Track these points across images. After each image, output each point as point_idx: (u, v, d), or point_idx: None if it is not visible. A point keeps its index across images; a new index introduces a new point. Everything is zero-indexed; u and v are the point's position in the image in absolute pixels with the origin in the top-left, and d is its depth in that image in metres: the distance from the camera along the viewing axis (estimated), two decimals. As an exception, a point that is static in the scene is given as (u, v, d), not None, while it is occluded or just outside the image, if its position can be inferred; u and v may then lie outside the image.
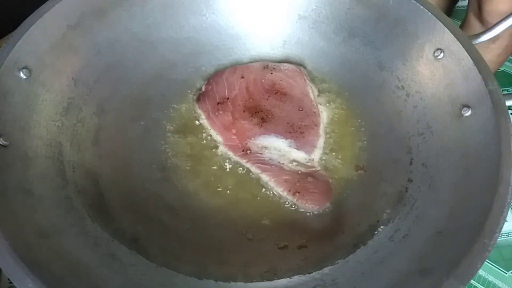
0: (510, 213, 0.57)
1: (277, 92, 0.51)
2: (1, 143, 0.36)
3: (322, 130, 0.48)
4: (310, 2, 0.53)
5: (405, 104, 0.48)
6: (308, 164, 0.46)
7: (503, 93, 0.38)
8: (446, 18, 0.44)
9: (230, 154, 0.46)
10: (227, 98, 0.50)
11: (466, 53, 0.41)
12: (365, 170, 0.46)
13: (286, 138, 0.47)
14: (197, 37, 0.54)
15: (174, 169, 0.45)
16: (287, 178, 0.44)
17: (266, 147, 0.46)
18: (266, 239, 0.41)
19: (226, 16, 0.55)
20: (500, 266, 0.60)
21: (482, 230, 0.31)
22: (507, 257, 0.61)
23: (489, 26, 0.46)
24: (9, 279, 0.52)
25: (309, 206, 0.42)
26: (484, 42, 0.44)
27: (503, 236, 0.63)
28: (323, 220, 0.42)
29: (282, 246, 0.40)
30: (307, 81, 0.52)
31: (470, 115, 0.40)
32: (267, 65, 0.53)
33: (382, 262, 0.37)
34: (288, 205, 0.43)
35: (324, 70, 0.54)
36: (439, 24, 0.44)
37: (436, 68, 0.45)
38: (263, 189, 0.44)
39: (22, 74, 0.39)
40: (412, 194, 0.42)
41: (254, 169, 0.45)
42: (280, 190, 0.43)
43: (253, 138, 0.47)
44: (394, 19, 0.48)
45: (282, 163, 0.45)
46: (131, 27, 0.50)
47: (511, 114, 0.40)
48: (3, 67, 0.38)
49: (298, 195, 0.42)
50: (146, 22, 0.51)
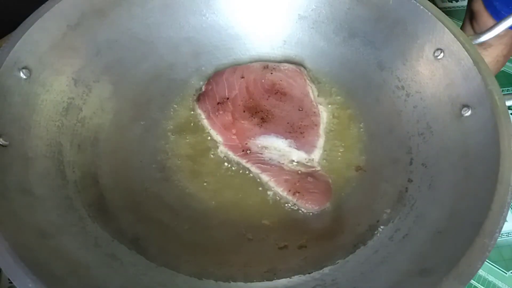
0: (510, 213, 0.57)
1: (277, 92, 0.51)
2: (1, 143, 0.36)
3: (322, 130, 0.48)
4: (310, 2, 0.53)
5: (405, 104, 0.48)
6: (308, 164, 0.46)
7: (503, 93, 0.38)
8: (446, 18, 0.44)
9: (230, 154, 0.46)
10: (227, 98, 0.50)
11: (466, 53, 0.41)
12: (365, 170, 0.46)
13: (286, 138, 0.47)
14: (197, 37, 0.54)
15: (174, 169, 0.45)
16: (287, 178, 0.44)
17: (266, 147, 0.46)
18: (266, 239, 0.41)
19: (226, 16, 0.54)
20: (500, 266, 0.60)
21: (482, 230, 0.32)
22: (507, 257, 0.61)
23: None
24: (9, 279, 0.52)
25: (309, 206, 0.42)
26: (476, 47, 0.44)
27: (503, 236, 0.63)
28: (323, 220, 0.42)
29: (282, 246, 0.40)
30: (307, 81, 0.52)
31: (470, 115, 0.40)
32: (267, 65, 0.53)
33: (382, 262, 0.37)
34: (288, 205, 0.43)
35: (324, 70, 0.54)
36: (439, 24, 0.44)
37: (436, 68, 0.45)
38: (263, 189, 0.44)
39: (22, 74, 0.39)
40: (412, 194, 0.42)
41: (254, 169, 0.45)
42: (280, 190, 0.43)
43: (253, 138, 0.47)
44: (394, 19, 0.48)
45: (282, 163, 0.45)
46: (131, 27, 0.50)
47: (511, 114, 0.40)
48: (3, 67, 0.38)
49: (298, 195, 0.42)
50: (146, 22, 0.51)
